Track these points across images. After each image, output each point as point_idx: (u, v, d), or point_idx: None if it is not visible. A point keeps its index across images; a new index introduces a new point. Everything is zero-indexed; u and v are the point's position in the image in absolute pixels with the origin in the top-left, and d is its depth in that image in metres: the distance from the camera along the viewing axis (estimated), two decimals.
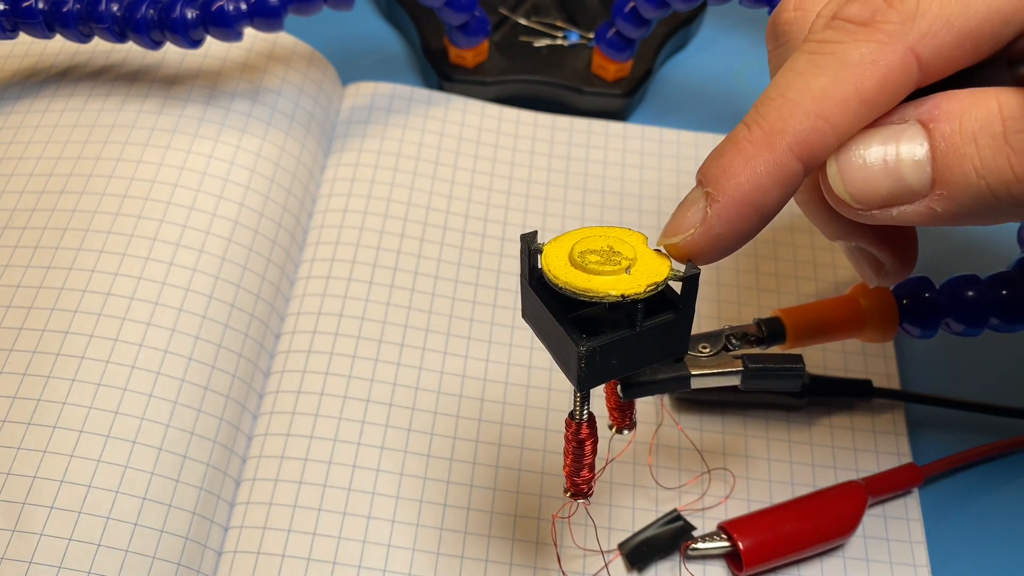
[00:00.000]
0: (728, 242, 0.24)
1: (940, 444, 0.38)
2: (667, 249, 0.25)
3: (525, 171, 0.45)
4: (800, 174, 0.23)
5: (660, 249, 0.25)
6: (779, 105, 0.23)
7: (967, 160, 0.22)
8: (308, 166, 0.43)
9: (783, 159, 0.23)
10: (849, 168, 0.23)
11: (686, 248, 0.24)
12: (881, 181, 0.23)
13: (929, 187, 0.22)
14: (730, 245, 0.24)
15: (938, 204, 0.23)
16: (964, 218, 0.23)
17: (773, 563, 0.34)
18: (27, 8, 0.38)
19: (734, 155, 0.23)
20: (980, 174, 0.22)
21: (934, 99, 0.23)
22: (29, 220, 0.38)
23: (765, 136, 0.23)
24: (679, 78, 0.51)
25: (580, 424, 0.28)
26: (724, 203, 0.23)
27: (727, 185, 0.23)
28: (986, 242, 0.44)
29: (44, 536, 0.31)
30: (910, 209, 0.23)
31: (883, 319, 0.33)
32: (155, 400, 0.34)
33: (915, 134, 0.23)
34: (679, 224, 0.24)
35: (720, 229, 0.24)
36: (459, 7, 0.43)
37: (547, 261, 0.25)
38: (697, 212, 0.24)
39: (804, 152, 0.23)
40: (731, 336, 0.30)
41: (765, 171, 0.23)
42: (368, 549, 0.34)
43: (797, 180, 0.23)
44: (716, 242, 0.24)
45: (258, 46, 0.45)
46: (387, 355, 0.38)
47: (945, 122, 0.22)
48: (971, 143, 0.22)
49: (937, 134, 0.22)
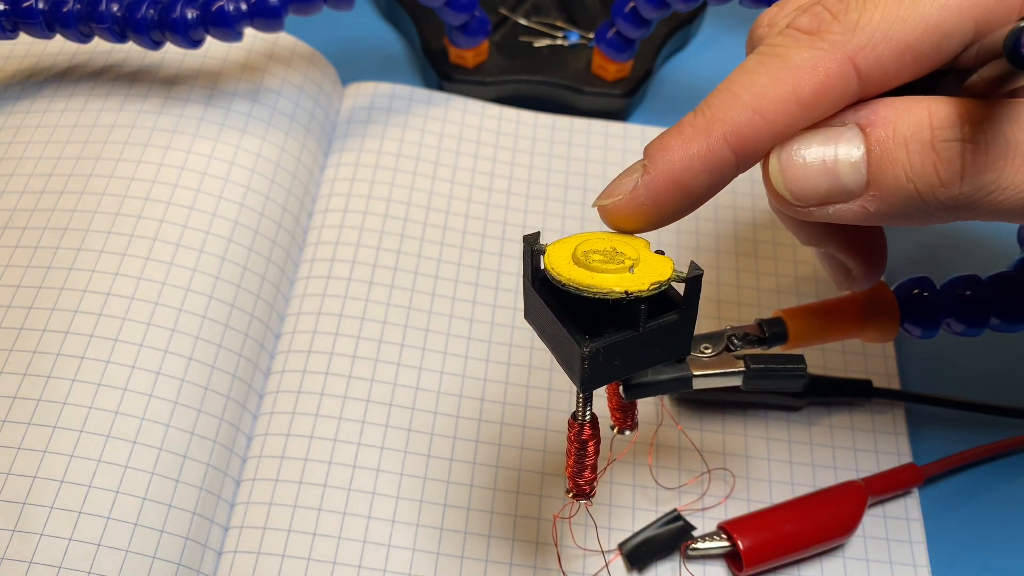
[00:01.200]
0: (651, 214, 0.25)
1: (940, 444, 0.38)
2: (598, 211, 0.26)
3: (525, 171, 0.45)
4: (731, 164, 0.24)
5: (663, 252, 0.25)
6: (723, 97, 0.24)
7: (898, 164, 0.23)
8: (308, 166, 0.43)
9: (716, 146, 0.24)
10: (790, 166, 0.24)
11: (612, 211, 0.26)
12: (819, 180, 0.24)
13: (863, 188, 0.24)
14: (652, 218, 0.25)
15: (871, 204, 0.24)
16: (895, 219, 0.24)
17: (773, 563, 0.34)
18: (27, 8, 0.38)
19: (675, 135, 0.25)
20: (909, 178, 0.23)
21: (872, 105, 0.24)
22: (29, 220, 0.38)
23: (706, 123, 0.24)
24: (679, 78, 0.51)
25: (583, 425, 0.28)
26: (654, 175, 0.25)
27: (660, 160, 0.25)
28: (987, 242, 0.44)
29: (44, 536, 0.31)
30: (845, 208, 0.24)
31: (884, 319, 0.33)
32: (155, 400, 0.34)
33: (852, 137, 0.24)
34: (613, 189, 0.26)
35: (645, 200, 0.25)
36: (459, 7, 0.43)
37: (550, 260, 0.25)
38: (630, 181, 0.25)
39: (737, 143, 0.24)
40: (733, 336, 0.30)
41: (697, 154, 0.24)
42: (368, 549, 0.34)
43: (727, 169, 0.25)
44: (639, 212, 0.25)
45: (258, 46, 0.45)
46: (387, 355, 0.38)
47: (880, 127, 0.24)
48: (903, 149, 0.23)
49: (872, 138, 0.24)
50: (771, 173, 0.25)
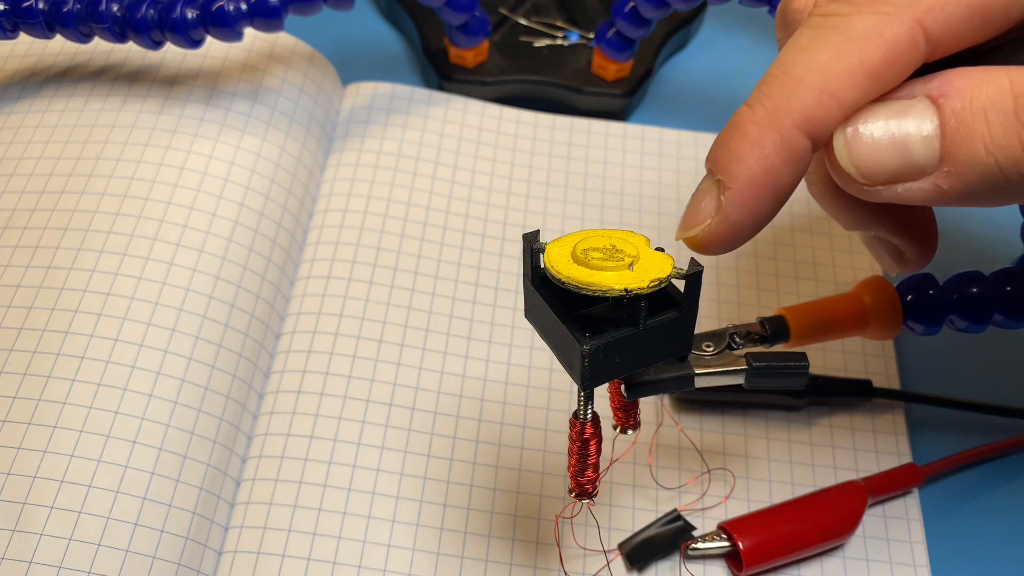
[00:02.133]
0: (747, 227, 0.24)
1: (940, 444, 0.38)
2: (686, 243, 0.24)
3: (525, 171, 0.45)
4: (809, 150, 0.23)
5: (662, 248, 0.25)
6: (782, 82, 0.23)
7: (976, 137, 0.22)
8: (308, 166, 0.43)
9: (790, 137, 0.23)
10: (856, 142, 0.23)
11: (704, 239, 0.24)
12: (888, 156, 0.23)
13: (936, 164, 0.22)
14: (748, 231, 0.24)
15: (945, 181, 0.22)
16: (970, 197, 0.23)
17: (773, 563, 0.34)
18: (27, 8, 0.38)
19: (740, 138, 0.23)
20: (989, 151, 0.22)
21: (944, 75, 0.22)
22: (29, 220, 0.38)
23: (769, 115, 0.23)
24: (679, 78, 0.51)
25: (584, 424, 0.28)
26: (737, 189, 0.23)
27: (737, 170, 0.23)
28: (990, 239, 0.44)
29: (44, 536, 0.31)
30: (916, 186, 0.23)
31: (887, 316, 0.33)
32: (155, 400, 0.34)
33: (924, 109, 0.22)
34: (694, 216, 0.24)
35: (737, 216, 0.23)
36: (459, 7, 0.43)
37: (550, 259, 0.24)
38: (711, 202, 0.24)
39: (811, 128, 0.23)
40: (735, 335, 0.30)
41: (774, 151, 0.23)
42: (368, 549, 0.34)
43: (807, 157, 0.23)
44: (734, 229, 0.24)
45: (258, 46, 0.45)
46: (387, 355, 0.38)
47: (955, 98, 0.22)
48: (982, 120, 0.22)
49: (947, 110, 0.22)
50: (836, 151, 0.23)
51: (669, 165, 0.46)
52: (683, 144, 0.46)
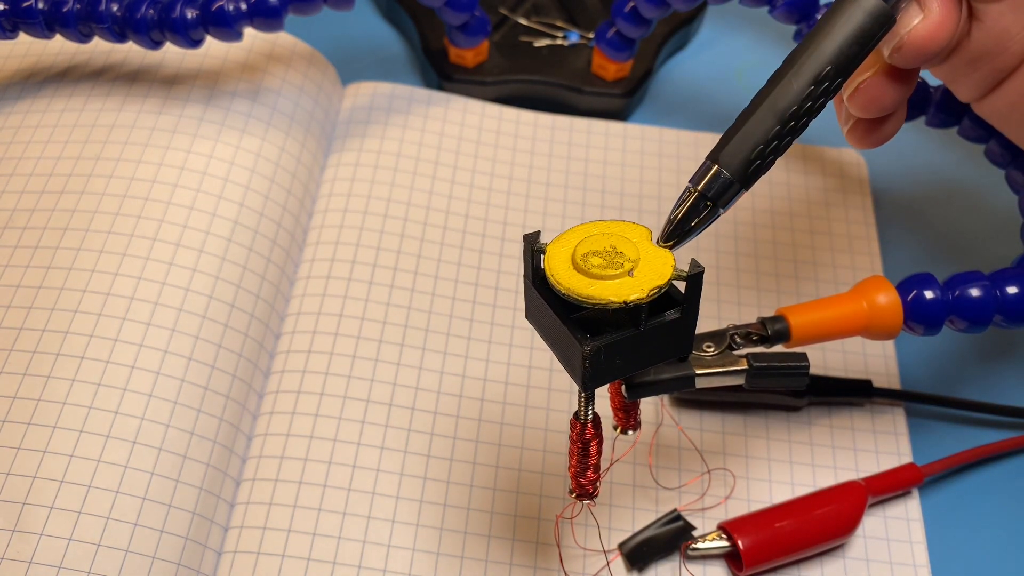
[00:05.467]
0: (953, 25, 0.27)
1: (940, 444, 0.38)
2: (890, 56, 0.27)
3: (525, 171, 0.45)
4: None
5: (663, 245, 0.25)
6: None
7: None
8: (308, 166, 0.43)
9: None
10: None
11: (912, 41, 0.27)
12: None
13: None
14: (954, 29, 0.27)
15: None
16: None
17: (773, 563, 0.34)
18: (27, 8, 0.38)
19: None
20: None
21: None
22: (29, 220, 0.38)
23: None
24: (679, 78, 0.51)
25: (585, 424, 0.28)
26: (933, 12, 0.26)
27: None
28: (990, 239, 0.44)
29: (44, 536, 0.31)
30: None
31: (888, 316, 0.33)
32: (155, 400, 0.34)
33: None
34: (901, 25, 0.27)
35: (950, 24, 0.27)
36: (459, 7, 0.43)
37: (550, 263, 0.25)
38: (913, 13, 0.26)
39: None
40: (735, 335, 0.30)
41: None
42: (368, 549, 0.34)
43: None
44: (944, 25, 0.27)
45: (258, 46, 0.45)
46: (387, 355, 0.38)
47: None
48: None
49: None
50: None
51: (669, 165, 0.46)
52: (683, 144, 0.46)
